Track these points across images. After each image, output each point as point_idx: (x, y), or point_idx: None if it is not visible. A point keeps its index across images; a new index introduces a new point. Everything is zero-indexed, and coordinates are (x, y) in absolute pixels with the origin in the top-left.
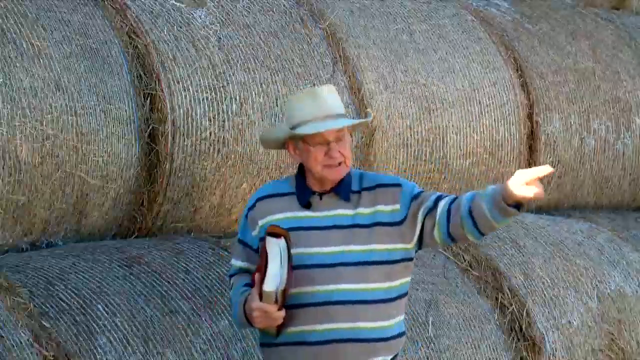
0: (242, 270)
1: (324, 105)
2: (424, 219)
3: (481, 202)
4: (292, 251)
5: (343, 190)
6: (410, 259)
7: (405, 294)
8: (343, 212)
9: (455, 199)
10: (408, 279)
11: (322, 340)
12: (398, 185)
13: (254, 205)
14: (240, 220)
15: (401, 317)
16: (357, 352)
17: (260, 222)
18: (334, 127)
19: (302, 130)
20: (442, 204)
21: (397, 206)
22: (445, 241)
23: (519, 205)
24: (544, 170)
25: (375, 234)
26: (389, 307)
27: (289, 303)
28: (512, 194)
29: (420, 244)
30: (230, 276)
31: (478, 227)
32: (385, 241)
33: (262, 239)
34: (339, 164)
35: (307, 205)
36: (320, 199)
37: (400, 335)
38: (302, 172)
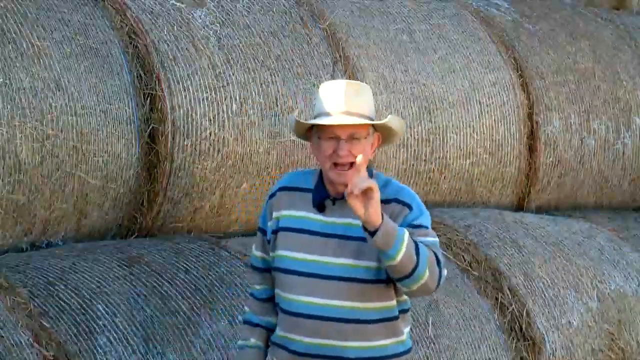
0: (258, 263)
1: (346, 101)
2: None
3: None
4: (296, 254)
5: None
6: (386, 282)
7: (394, 318)
8: (353, 222)
9: None
10: (391, 302)
11: (307, 353)
12: (409, 207)
13: (274, 194)
14: (263, 205)
15: (398, 338)
16: None
17: (275, 214)
18: (337, 121)
19: (311, 121)
20: None
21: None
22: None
23: (369, 230)
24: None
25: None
26: (378, 327)
27: (285, 308)
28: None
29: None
30: (251, 266)
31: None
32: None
33: None
34: (348, 166)
35: (320, 208)
36: (334, 204)
37: (391, 356)
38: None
